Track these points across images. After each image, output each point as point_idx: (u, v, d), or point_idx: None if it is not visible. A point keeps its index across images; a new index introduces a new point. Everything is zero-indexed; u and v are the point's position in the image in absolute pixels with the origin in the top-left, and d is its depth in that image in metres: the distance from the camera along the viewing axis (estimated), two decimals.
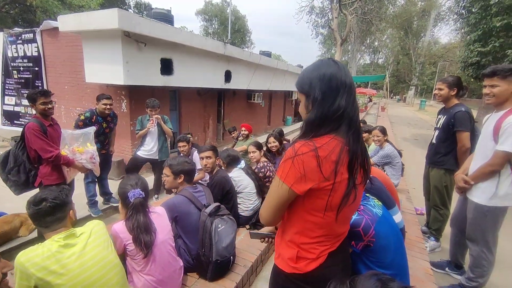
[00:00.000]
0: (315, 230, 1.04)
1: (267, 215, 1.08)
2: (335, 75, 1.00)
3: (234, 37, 36.96)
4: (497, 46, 6.38)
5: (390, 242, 1.46)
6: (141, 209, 1.66)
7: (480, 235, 2.16)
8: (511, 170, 1.99)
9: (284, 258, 1.10)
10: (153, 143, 4.13)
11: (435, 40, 37.80)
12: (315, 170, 0.94)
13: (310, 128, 1.02)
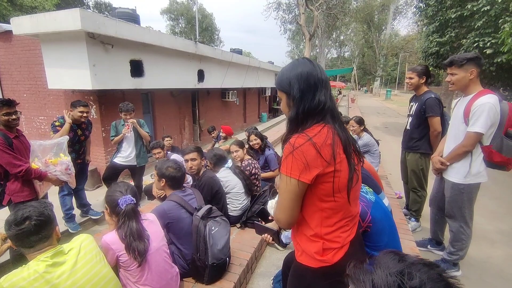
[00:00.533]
0: (333, 216, 1.06)
1: (285, 216, 1.06)
2: (311, 73, 1.07)
3: (202, 36, 36.33)
4: (453, 36, 6.90)
5: (385, 225, 1.53)
6: (133, 215, 1.59)
7: (458, 212, 2.33)
8: (481, 149, 2.17)
9: (310, 253, 1.10)
10: (130, 148, 3.95)
11: (395, 33, 39.88)
12: (316, 157, 0.99)
13: (295, 124, 1.09)
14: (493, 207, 3.95)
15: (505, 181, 4.96)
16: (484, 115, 2.06)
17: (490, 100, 2.07)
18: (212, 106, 11.39)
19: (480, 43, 5.97)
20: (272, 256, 2.79)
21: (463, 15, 6.46)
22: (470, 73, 2.15)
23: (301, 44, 42.85)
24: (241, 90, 13.91)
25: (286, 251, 2.85)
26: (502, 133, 2.12)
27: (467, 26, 6.61)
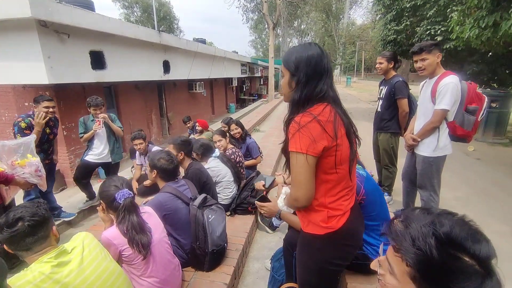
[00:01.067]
0: (335, 187, 1.16)
1: (303, 192, 1.11)
2: (320, 61, 1.13)
3: (160, 25, 34.54)
4: (408, 24, 7.46)
5: (376, 197, 1.68)
6: (133, 209, 1.55)
7: (428, 182, 2.60)
8: (446, 124, 2.44)
9: (316, 222, 1.18)
10: (103, 145, 3.72)
11: (352, 22, 41.63)
12: (321, 133, 1.07)
13: (297, 107, 1.15)
14: (449, 179, 4.44)
15: (455, 154, 5.59)
16: (449, 94, 2.31)
17: (452, 80, 2.32)
18: (180, 98, 11.04)
19: (432, 31, 6.54)
20: (262, 240, 2.89)
21: (416, 5, 7.00)
22: (437, 57, 2.39)
23: (263, 33, 42.85)
24: (208, 81, 13.64)
25: (275, 234, 2.97)
26: (463, 109, 2.40)
27: (420, 15, 7.18)
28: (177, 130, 10.93)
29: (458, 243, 0.58)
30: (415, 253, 0.60)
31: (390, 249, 0.71)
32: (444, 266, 0.58)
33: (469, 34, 4.42)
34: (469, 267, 0.57)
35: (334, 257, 1.22)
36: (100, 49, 6.02)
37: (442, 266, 0.58)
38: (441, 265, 0.58)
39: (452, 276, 0.57)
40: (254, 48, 52.40)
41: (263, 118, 10.67)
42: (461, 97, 2.37)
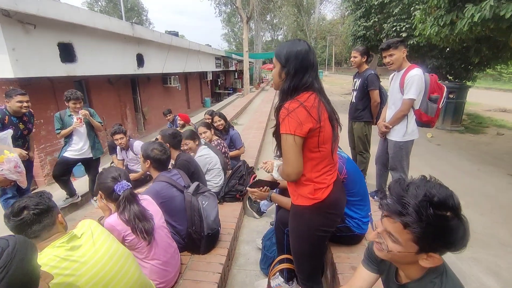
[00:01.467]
0: (320, 163, 1.34)
1: (293, 168, 1.28)
2: (306, 57, 1.30)
3: (128, 17, 32.95)
4: (376, 21, 7.91)
5: (356, 176, 1.89)
6: (132, 199, 1.61)
7: (399, 164, 2.91)
8: (413, 112, 2.75)
9: (304, 194, 1.36)
10: (83, 142, 3.63)
11: (323, 17, 42.64)
12: (307, 116, 1.24)
13: (286, 95, 1.33)
14: (415, 163, 4.89)
15: (420, 141, 6.13)
16: (415, 85, 2.62)
17: (417, 72, 2.63)
18: (154, 92, 10.78)
19: (397, 28, 7.02)
20: (250, 224, 3.05)
21: (383, 2, 7.45)
22: (403, 52, 2.70)
23: (236, 27, 42.51)
24: (183, 75, 13.40)
25: (262, 219, 3.14)
26: (427, 98, 2.72)
27: (387, 13, 7.65)
28: (152, 125, 10.70)
29: (448, 206, 0.77)
30: (419, 223, 0.76)
31: (388, 222, 0.85)
32: (441, 227, 0.76)
33: (430, 31, 4.85)
34: (456, 223, 0.76)
35: (321, 224, 1.40)
36: (70, 41, 5.74)
37: (439, 227, 0.76)
38: (439, 227, 0.76)
39: (447, 232, 0.76)
40: (227, 41, 51.82)
41: (240, 112, 10.77)
42: (425, 88, 2.68)
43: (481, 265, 2.29)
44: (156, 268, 1.70)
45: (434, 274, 0.84)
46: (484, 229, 2.84)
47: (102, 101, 7.83)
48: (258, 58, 25.36)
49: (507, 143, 6.08)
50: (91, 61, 6.34)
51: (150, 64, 9.03)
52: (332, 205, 1.38)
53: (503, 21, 3.51)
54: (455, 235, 0.76)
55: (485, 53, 5.72)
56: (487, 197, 3.55)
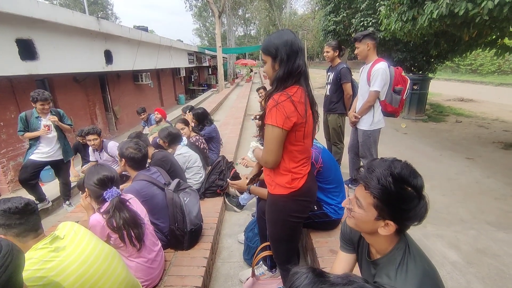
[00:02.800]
0: (298, 155, 1.42)
1: (273, 157, 1.36)
2: (294, 42, 1.35)
3: (91, 11, 31.13)
4: (345, 16, 8.19)
5: (331, 164, 2.01)
6: (122, 206, 1.60)
7: (368, 152, 3.13)
8: (379, 103, 2.96)
9: (281, 184, 1.44)
10: (52, 145, 3.43)
11: (294, 12, 43.09)
12: (293, 111, 1.31)
13: (280, 83, 1.37)
14: (384, 151, 5.20)
15: (387, 131, 6.50)
16: (379, 77, 2.82)
17: (382, 66, 2.83)
18: (125, 90, 10.37)
19: (365, 23, 7.33)
20: (232, 218, 3.10)
21: None
22: (367, 45, 2.89)
23: (208, 21, 41.75)
24: (155, 71, 13.00)
25: (243, 212, 3.20)
26: (391, 90, 2.93)
27: (354, 8, 7.94)
28: (125, 124, 10.32)
29: (405, 179, 0.88)
30: (380, 188, 0.87)
31: (358, 189, 0.97)
32: (397, 195, 0.87)
33: (394, 26, 5.12)
34: (411, 194, 0.87)
35: (295, 210, 1.50)
36: (29, 37, 5.37)
37: (395, 195, 0.87)
38: (395, 195, 0.87)
39: (402, 200, 0.87)
40: (199, 36, 50.76)
41: (216, 108, 10.70)
42: (389, 80, 2.88)
43: (444, 241, 2.53)
44: (142, 266, 1.70)
45: (399, 249, 0.95)
46: (446, 208, 3.12)
47: (69, 101, 7.42)
48: (231, 53, 25.16)
49: (464, 129, 6.63)
50: (54, 58, 5.97)
51: (120, 60, 8.66)
52: (306, 193, 1.47)
53: (458, 18, 3.80)
54: (409, 204, 0.86)
55: (443, 46, 6.15)
56: (448, 180, 3.87)
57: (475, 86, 15.76)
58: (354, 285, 0.50)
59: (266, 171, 1.54)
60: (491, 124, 7.04)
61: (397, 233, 0.94)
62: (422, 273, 0.87)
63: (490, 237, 2.56)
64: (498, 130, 6.45)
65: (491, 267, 2.22)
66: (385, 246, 0.97)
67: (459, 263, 2.26)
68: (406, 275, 0.87)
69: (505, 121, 7.29)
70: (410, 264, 0.89)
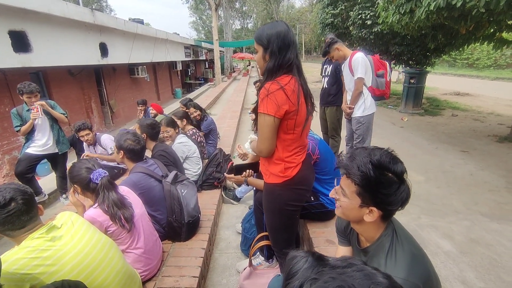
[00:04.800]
0: (291, 144, 1.43)
1: (266, 145, 1.37)
2: (287, 35, 1.34)
3: (85, 2, 30.60)
4: (343, 9, 8.13)
5: (328, 155, 2.02)
6: (111, 186, 1.60)
7: (362, 140, 3.20)
8: (367, 88, 3.07)
9: (275, 173, 1.45)
10: (47, 136, 3.42)
11: (292, 5, 42.71)
12: (285, 100, 1.31)
13: (270, 74, 1.37)
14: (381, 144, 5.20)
15: (385, 125, 6.54)
16: (360, 65, 2.97)
17: (359, 55, 3.00)
18: (121, 84, 10.28)
19: (363, 15, 7.28)
20: (229, 211, 3.11)
21: None
22: (337, 49, 3.12)
23: (204, 15, 41.27)
24: (151, 65, 12.88)
25: (240, 204, 3.22)
26: (374, 75, 3.06)
27: (353, 1, 7.88)
28: (121, 118, 10.26)
29: (385, 166, 0.90)
30: (360, 175, 0.90)
31: (342, 179, 1.00)
32: (377, 181, 0.89)
33: (392, 19, 5.10)
34: (391, 179, 0.90)
35: (291, 199, 1.51)
36: (22, 29, 5.28)
37: (375, 180, 0.89)
38: (375, 180, 0.89)
39: (382, 186, 0.90)
40: (196, 30, 50.20)
41: (213, 102, 10.65)
42: (370, 67, 3.03)
43: (438, 231, 2.57)
44: (140, 257, 1.71)
45: (387, 236, 0.96)
46: (441, 200, 3.16)
47: (64, 95, 7.35)
48: (228, 46, 24.94)
49: (460, 123, 6.68)
50: (48, 51, 5.89)
51: (115, 53, 8.56)
52: (301, 182, 1.48)
53: (455, 10, 3.80)
54: (389, 189, 0.88)
55: (440, 39, 6.16)
56: (443, 172, 3.92)
57: (471, 80, 15.84)
58: (354, 267, 0.51)
59: (261, 161, 1.55)
60: (486, 117, 7.09)
61: (383, 220, 0.96)
62: (410, 258, 0.89)
63: (484, 228, 2.61)
64: (493, 123, 6.51)
65: (484, 256, 2.27)
66: (373, 233, 0.99)
67: (452, 252, 2.30)
68: (395, 261, 0.89)
69: (500, 114, 7.36)
70: (398, 250, 0.91)
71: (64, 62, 6.49)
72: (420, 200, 3.13)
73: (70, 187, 1.69)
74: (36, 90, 3.29)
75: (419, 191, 3.36)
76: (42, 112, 3.27)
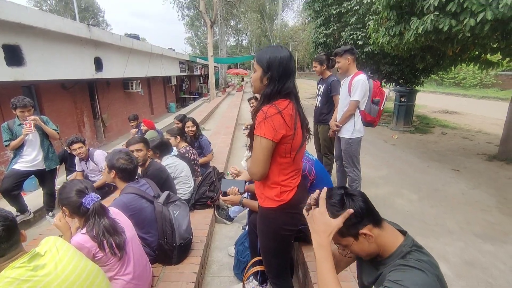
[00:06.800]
0: (287, 168, 1.42)
1: (260, 169, 1.35)
2: (289, 64, 1.36)
3: (82, 17, 30.92)
4: (335, 29, 8.40)
5: (324, 176, 2.01)
6: (103, 212, 1.54)
7: (350, 160, 3.21)
8: (359, 112, 3.09)
9: (270, 197, 1.43)
10: (36, 151, 3.34)
11: (285, 23, 43.98)
12: (282, 124, 1.31)
13: (267, 99, 1.38)
14: (373, 162, 5.28)
15: (376, 142, 6.61)
16: (359, 88, 2.97)
17: (362, 77, 2.99)
18: (115, 98, 10.24)
19: (354, 36, 7.52)
20: (222, 230, 3.04)
21: (341, 12, 7.95)
22: (348, 60, 3.06)
23: (200, 31, 42.07)
24: (145, 79, 12.93)
25: (233, 224, 3.15)
26: (370, 101, 3.08)
27: (344, 21, 8.16)
28: (114, 132, 10.15)
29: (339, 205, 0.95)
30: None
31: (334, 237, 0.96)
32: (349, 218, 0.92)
33: (382, 40, 5.28)
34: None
35: (286, 223, 1.48)
36: (16, 43, 5.26)
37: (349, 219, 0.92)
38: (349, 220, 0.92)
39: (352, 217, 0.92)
40: (191, 45, 50.96)
41: (207, 117, 10.66)
42: (369, 91, 3.04)
43: (433, 253, 2.51)
44: (128, 284, 1.63)
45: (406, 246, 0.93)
46: (435, 219, 3.16)
47: (56, 108, 7.26)
48: (223, 62, 25.32)
49: (449, 141, 6.81)
50: (42, 65, 5.86)
51: (110, 68, 8.58)
52: (296, 206, 1.45)
53: (442, 33, 3.96)
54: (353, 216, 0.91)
55: (429, 60, 6.37)
56: (436, 191, 3.94)
57: (458, 99, 16.33)
58: None
59: (256, 184, 1.53)
60: (475, 136, 7.26)
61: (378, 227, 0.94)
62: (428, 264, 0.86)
63: (478, 249, 2.60)
64: (482, 142, 6.66)
65: (480, 279, 2.25)
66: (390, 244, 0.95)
67: (448, 276, 2.28)
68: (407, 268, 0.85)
69: (488, 133, 7.55)
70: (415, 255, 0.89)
71: (57, 76, 6.46)
72: (415, 220, 3.12)
73: (58, 207, 1.62)
74: (30, 105, 3.25)
75: (413, 210, 3.36)
76: (35, 127, 3.21)
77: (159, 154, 2.78)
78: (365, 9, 7.22)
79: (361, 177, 3.33)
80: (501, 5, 3.23)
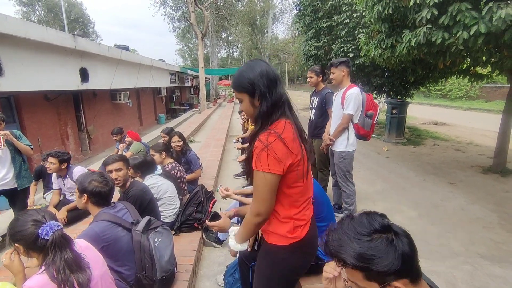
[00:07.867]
0: (298, 199, 1.22)
1: (266, 207, 1.16)
2: (269, 70, 1.20)
3: (71, 28, 30.62)
4: (326, 42, 8.44)
5: (323, 199, 1.82)
6: (65, 243, 1.29)
7: (343, 174, 3.10)
8: (353, 125, 3.01)
9: (281, 233, 1.22)
10: (6, 169, 3.04)
11: (276, 36, 44.72)
12: (286, 152, 1.12)
13: (266, 119, 1.19)
14: (368, 176, 5.13)
15: (370, 155, 6.51)
16: (352, 102, 2.90)
17: (355, 91, 2.93)
18: (101, 109, 9.93)
19: (345, 49, 7.54)
20: (211, 255, 2.78)
21: (331, 25, 8.00)
22: (343, 71, 2.99)
23: (191, 42, 42.27)
24: (134, 90, 12.67)
25: (223, 248, 2.90)
26: (364, 114, 3.01)
27: (335, 34, 8.20)
28: (99, 144, 9.78)
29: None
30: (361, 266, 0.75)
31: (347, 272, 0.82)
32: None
33: (373, 53, 5.25)
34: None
35: (296, 265, 1.28)
36: None
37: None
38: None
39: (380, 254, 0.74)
40: (182, 57, 51.09)
41: (197, 129, 10.43)
42: (362, 105, 2.96)
43: (440, 279, 2.36)
44: None
45: None
46: (437, 239, 2.99)
47: (37, 120, 6.92)
48: (214, 74, 25.33)
49: (442, 153, 6.77)
50: (22, 75, 5.58)
51: (96, 79, 8.31)
52: (310, 244, 1.27)
53: (434, 46, 3.92)
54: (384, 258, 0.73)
55: (419, 73, 6.39)
56: (435, 207, 3.80)
57: (446, 110, 16.64)
58: None
59: None
60: (466, 147, 7.26)
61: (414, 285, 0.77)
62: None
63: (486, 273, 2.43)
64: (474, 153, 6.64)
65: None
66: None
67: None
68: None
69: (479, 144, 7.57)
70: None
71: (39, 87, 6.17)
72: (417, 240, 2.87)
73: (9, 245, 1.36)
74: (1, 118, 3.00)
75: (414, 228, 3.18)
76: (5, 143, 2.94)
77: (141, 173, 2.54)
78: (355, 22, 7.28)
79: (355, 192, 3.21)
80: (494, 19, 3.20)
